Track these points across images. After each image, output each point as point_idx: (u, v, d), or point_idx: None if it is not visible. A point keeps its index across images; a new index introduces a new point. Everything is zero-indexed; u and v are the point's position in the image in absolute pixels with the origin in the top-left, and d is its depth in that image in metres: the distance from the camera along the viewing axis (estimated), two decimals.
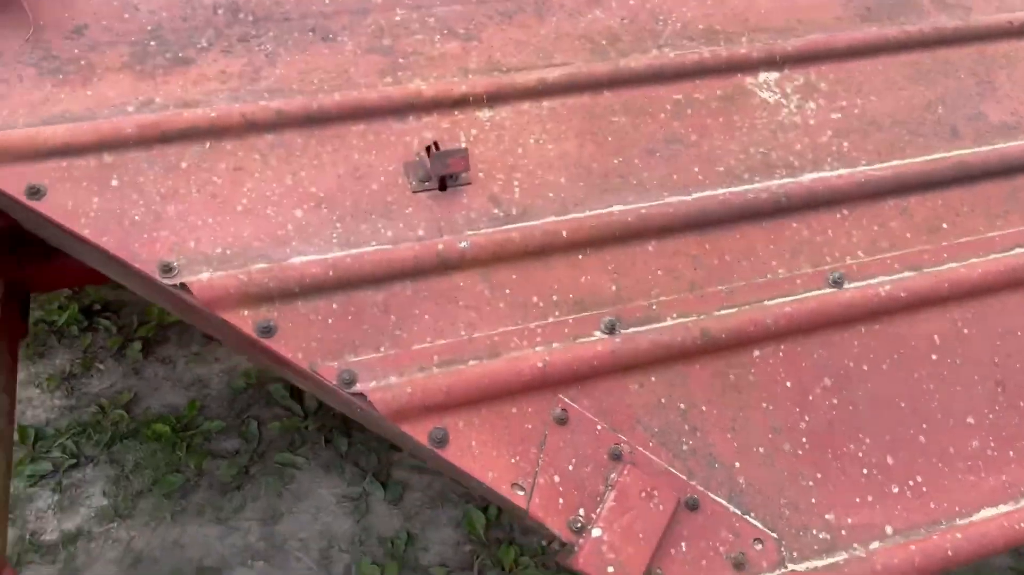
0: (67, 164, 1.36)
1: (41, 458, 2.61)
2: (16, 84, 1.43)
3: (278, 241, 1.36)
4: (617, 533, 1.26)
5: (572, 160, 1.52)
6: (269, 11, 1.60)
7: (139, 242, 1.33)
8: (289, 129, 1.46)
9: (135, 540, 2.36)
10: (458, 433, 1.28)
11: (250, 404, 2.83)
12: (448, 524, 2.42)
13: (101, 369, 2.98)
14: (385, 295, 1.35)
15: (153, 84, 1.47)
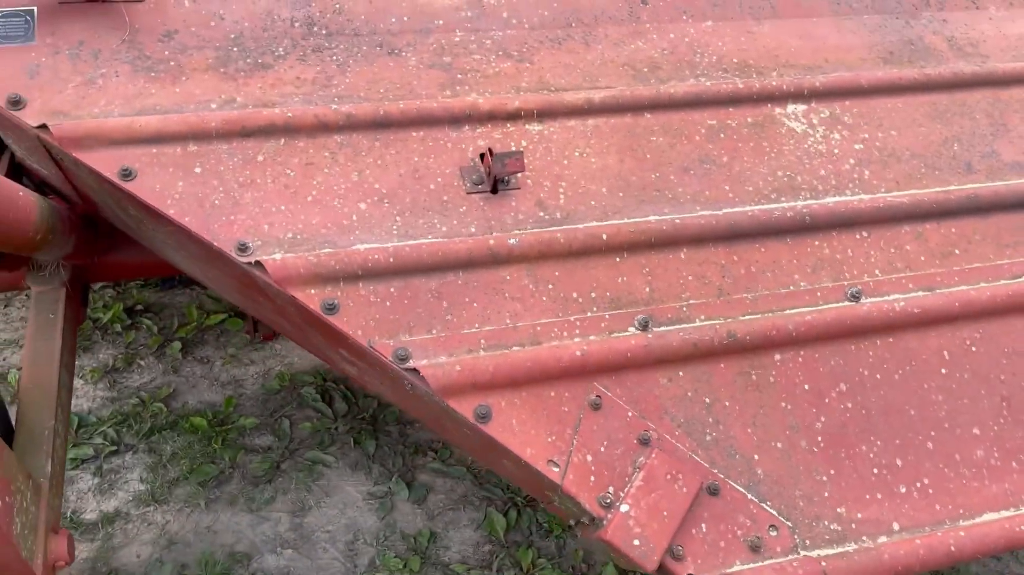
0: (156, 151, 1.50)
1: (83, 443, 2.73)
2: (113, 79, 1.58)
3: (343, 229, 1.49)
4: (643, 510, 1.36)
5: (613, 173, 1.65)
6: (341, 26, 1.75)
7: (218, 223, 1.46)
8: (356, 131, 1.60)
9: (170, 524, 2.47)
10: (500, 411, 1.40)
11: (283, 405, 2.95)
12: (469, 525, 2.51)
13: (142, 365, 3.11)
14: (438, 283, 1.47)
15: (235, 85, 1.62)
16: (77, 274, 2.18)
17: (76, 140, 1.47)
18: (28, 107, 1.49)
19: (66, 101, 1.52)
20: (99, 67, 1.57)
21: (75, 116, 1.50)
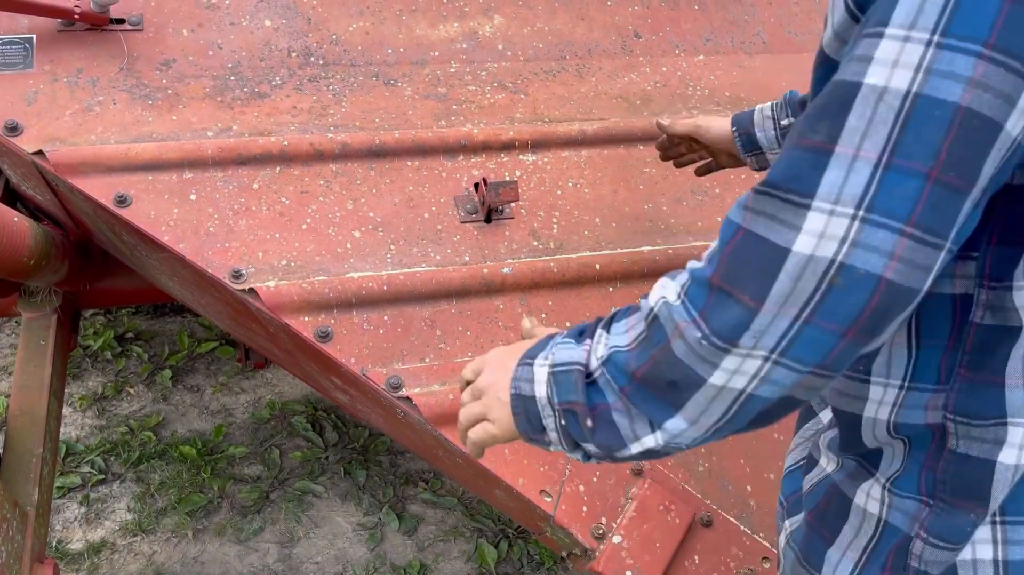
0: (152, 178, 1.51)
1: (71, 472, 2.70)
2: (110, 106, 1.59)
3: (338, 257, 1.49)
4: (636, 541, 1.35)
5: (606, 203, 1.66)
6: (338, 56, 1.76)
7: (212, 250, 1.47)
8: (352, 160, 1.61)
9: (157, 554, 2.44)
10: None
11: (273, 434, 2.93)
12: (460, 557, 2.49)
13: (131, 393, 3.09)
14: (432, 311, 1.47)
15: (231, 113, 1.63)
16: (69, 301, 2.18)
17: (72, 166, 1.47)
18: (25, 133, 1.50)
19: (63, 128, 1.53)
20: (97, 95, 1.59)
21: (72, 143, 1.50)
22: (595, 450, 0.79)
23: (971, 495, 0.77)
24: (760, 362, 0.67)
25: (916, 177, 0.62)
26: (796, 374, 0.67)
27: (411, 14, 1.83)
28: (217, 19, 1.72)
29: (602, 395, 0.76)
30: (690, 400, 0.71)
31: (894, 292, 0.63)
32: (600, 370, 0.77)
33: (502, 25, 1.88)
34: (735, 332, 0.66)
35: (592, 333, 0.81)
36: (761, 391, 0.68)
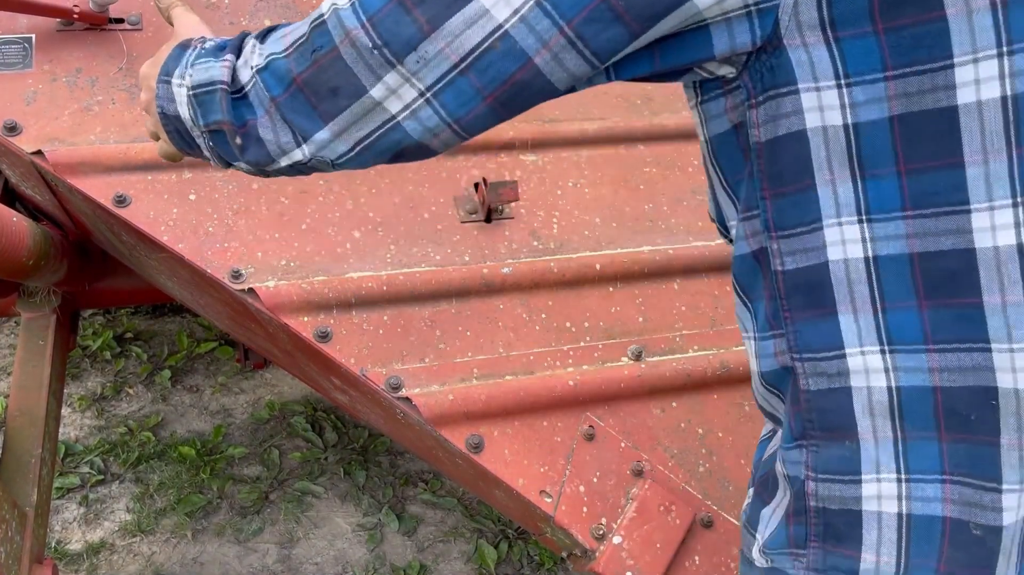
0: (151, 178, 1.51)
1: (70, 472, 2.69)
2: (109, 106, 1.58)
3: (337, 257, 1.49)
4: (636, 541, 1.35)
5: (607, 203, 1.66)
6: None
7: (212, 250, 1.46)
8: None
9: (156, 555, 2.43)
10: (493, 441, 1.39)
11: (272, 434, 2.93)
12: (460, 557, 2.49)
13: (131, 393, 3.08)
14: (432, 311, 1.47)
15: None
16: (68, 301, 2.17)
17: (71, 166, 1.47)
18: (24, 133, 1.50)
19: (62, 128, 1.52)
20: (96, 94, 1.58)
21: (71, 143, 1.50)
22: (246, 167, 0.83)
23: (837, 426, 0.80)
24: (416, 94, 0.73)
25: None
26: (439, 121, 0.74)
27: None
28: (217, 19, 1.71)
29: (252, 110, 0.79)
30: (346, 110, 0.75)
31: (534, 76, 0.71)
32: (254, 80, 0.79)
33: None
34: (404, 49, 0.71)
35: (236, 49, 0.82)
36: (407, 124, 0.75)
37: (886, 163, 0.73)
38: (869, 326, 0.77)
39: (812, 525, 0.82)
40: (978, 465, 0.76)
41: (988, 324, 0.74)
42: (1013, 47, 0.68)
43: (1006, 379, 0.74)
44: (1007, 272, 0.73)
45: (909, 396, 0.77)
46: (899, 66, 0.70)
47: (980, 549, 0.77)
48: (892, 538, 0.79)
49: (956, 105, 0.70)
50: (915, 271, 0.75)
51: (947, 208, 0.73)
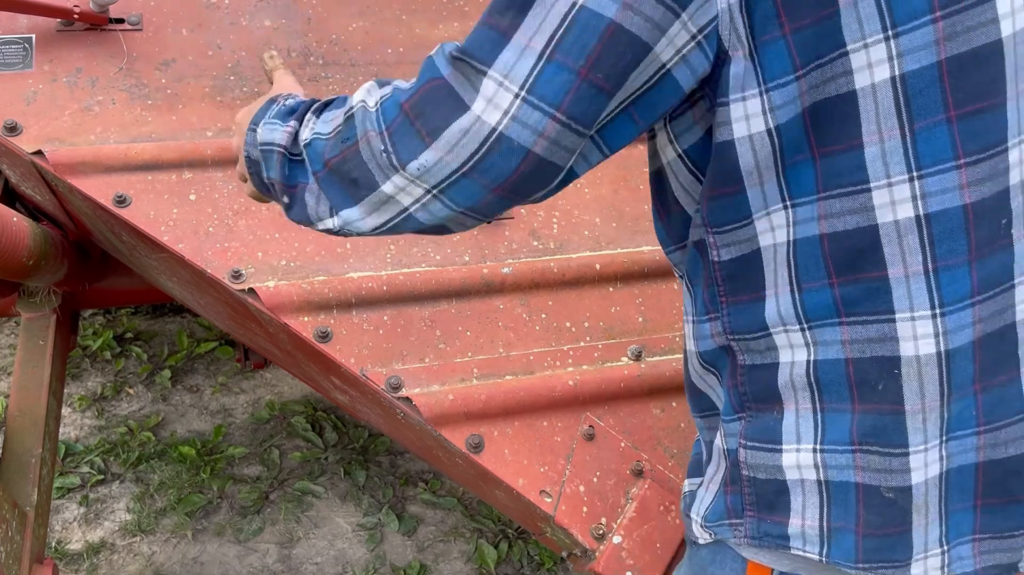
0: (151, 178, 1.51)
1: (70, 472, 2.69)
2: (109, 106, 1.59)
3: (337, 257, 1.49)
4: (636, 541, 1.35)
5: (606, 203, 1.66)
6: (337, 56, 1.76)
7: (212, 251, 1.46)
8: None
9: (156, 555, 2.43)
10: (492, 441, 1.39)
11: (272, 434, 2.93)
12: (460, 557, 2.49)
13: (131, 393, 3.08)
14: (432, 311, 1.47)
15: (231, 113, 1.63)
16: (68, 301, 2.18)
17: (71, 166, 1.47)
18: (24, 133, 1.50)
19: (62, 128, 1.52)
20: (96, 94, 1.58)
21: (71, 143, 1.50)
22: (295, 218, 0.93)
23: (768, 398, 0.87)
24: (423, 192, 0.80)
25: (569, 72, 0.74)
26: (450, 211, 0.81)
27: (411, 14, 1.83)
28: (217, 19, 1.71)
29: (303, 174, 0.89)
30: (366, 198, 0.84)
31: (539, 164, 0.76)
32: (303, 153, 0.89)
33: None
34: (408, 157, 0.78)
35: (302, 116, 0.91)
36: (420, 215, 0.82)
37: (803, 151, 0.78)
38: (788, 305, 0.83)
39: (746, 494, 0.89)
40: (884, 433, 0.81)
41: (893, 295, 0.79)
42: (898, 29, 0.73)
43: (908, 347, 0.79)
44: (907, 244, 0.77)
45: (825, 369, 0.82)
46: (806, 63, 0.75)
47: (893, 509, 0.82)
48: (815, 502, 0.85)
49: (855, 89, 0.75)
50: (824, 251, 0.80)
51: (850, 188, 0.78)
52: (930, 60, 0.74)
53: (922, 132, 0.75)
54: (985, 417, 0.82)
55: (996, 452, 0.83)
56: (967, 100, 0.75)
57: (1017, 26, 0.74)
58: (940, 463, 0.82)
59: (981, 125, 0.75)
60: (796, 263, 0.82)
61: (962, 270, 0.77)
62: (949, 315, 0.78)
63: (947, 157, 0.75)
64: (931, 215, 0.76)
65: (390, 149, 0.79)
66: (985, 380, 0.81)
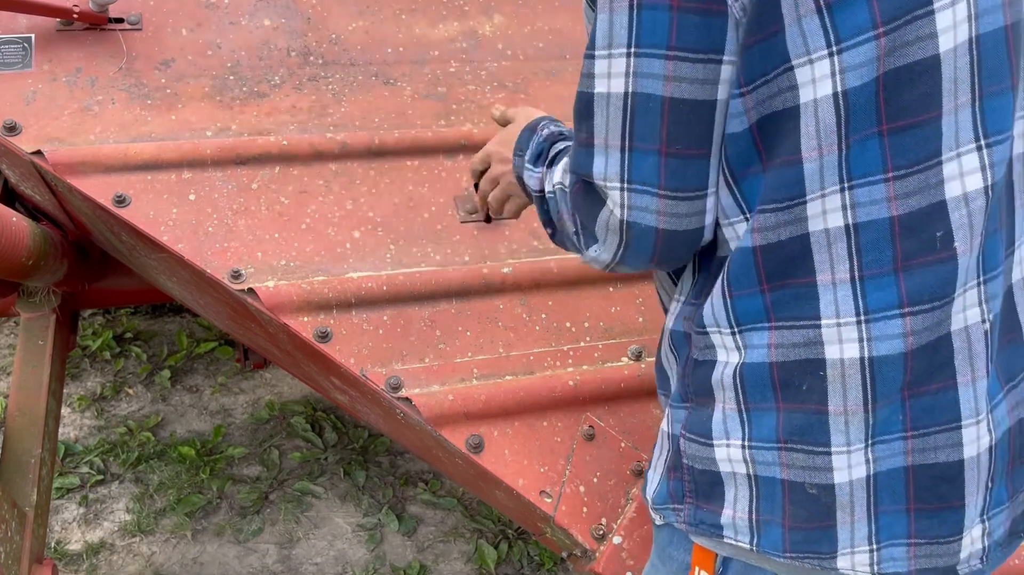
0: (151, 178, 1.51)
1: (69, 472, 2.69)
2: (109, 106, 1.58)
3: (337, 257, 1.49)
4: (636, 542, 1.35)
5: None
6: (337, 56, 1.76)
7: (211, 251, 1.46)
8: (351, 160, 1.60)
9: (156, 555, 2.43)
10: (492, 441, 1.39)
11: (272, 434, 2.92)
12: (460, 558, 2.48)
13: (130, 393, 3.08)
14: (431, 311, 1.47)
15: (231, 113, 1.63)
16: (67, 301, 2.17)
17: (71, 166, 1.47)
18: (24, 133, 1.50)
19: (62, 128, 1.52)
20: (95, 94, 1.58)
21: (70, 143, 1.50)
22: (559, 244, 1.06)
23: (704, 393, 0.90)
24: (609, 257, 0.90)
25: (652, 154, 0.80)
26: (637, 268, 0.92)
27: (411, 13, 1.83)
28: (216, 18, 1.71)
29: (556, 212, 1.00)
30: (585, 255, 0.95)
31: (672, 236, 0.84)
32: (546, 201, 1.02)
33: (502, 24, 1.88)
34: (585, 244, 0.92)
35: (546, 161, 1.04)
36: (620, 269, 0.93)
37: (754, 163, 0.82)
38: (720, 309, 0.87)
39: (686, 482, 0.92)
40: (809, 432, 0.83)
41: (820, 301, 0.81)
42: (842, 45, 0.74)
43: (833, 351, 0.81)
44: (836, 252, 0.80)
45: (751, 371, 0.85)
46: (751, 80, 0.78)
47: (817, 505, 0.84)
48: (745, 495, 0.88)
49: (798, 104, 0.77)
50: (757, 262, 0.83)
51: (787, 203, 0.80)
52: (871, 76, 0.75)
53: (855, 145, 0.77)
54: (913, 423, 0.83)
55: (925, 457, 0.84)
56: (899, 115, 0.76)
57: (958, 39, 0.75)
58: (866, 466, 0.83)
59: (911, 140, 0.76)
60: (729, 272, 0.85)
61: (887, 279, 0.79)
62: (874, 323, 0.80)
63: (876, 170, 0.77)
64: (859, 225, 0.78)
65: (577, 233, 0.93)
66: (915, 388, 0.82)
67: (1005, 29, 0.77)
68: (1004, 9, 0.77)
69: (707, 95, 0.79)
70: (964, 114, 0.77)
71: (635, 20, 0.77)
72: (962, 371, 0.83)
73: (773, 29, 0.75)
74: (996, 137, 0.78)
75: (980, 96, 0.77)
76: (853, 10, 0.73)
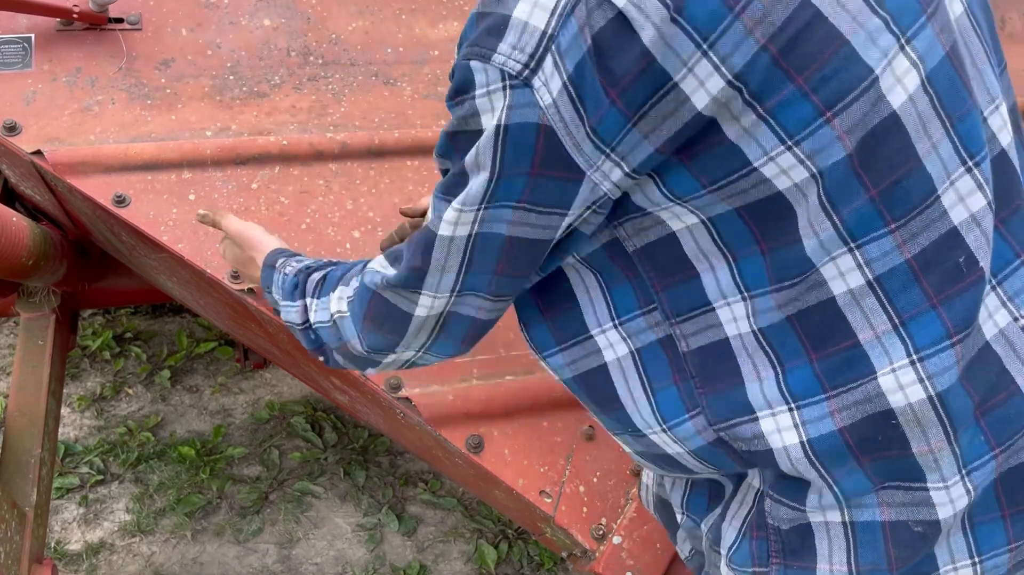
0: (151, 178, 1.51)
1: (69, 473, 2.69)
2: (109, 106, 1.58)
3: (337, 257, 1.48)
4: (636, 542, 1.35)
5: None
6: (337, 56, 1.76)
7: (211, 250, 1.46)
8: (351, 160, 1.60)
9: (156, 555, 2.43)
10: (493, 441, 1.39)
11: (272, 434, 2.92)
12: (459, 558, 2.48)
13: (130, 394, 3.08)
14: None
15: (230, 113, 1.63)
16: (67, 301, 2.17)
17: (71, 166, 1.47)
18: (24, 133, 1.49)
19: (62, 128, 1.52)
20: (95, 94, 1.58)
21: (70, 143, 1.50)
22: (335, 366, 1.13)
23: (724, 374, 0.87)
24: (412, 353, 0.98)
25: (486, 274, 0.87)
26: (440, 358, 1.00)
27: (411, 13, 1.83)
28: (216, 18, 1.71)
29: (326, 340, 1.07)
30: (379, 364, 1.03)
31: (482, 325, 0.94)
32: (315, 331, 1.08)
33: None
34: (387, 349, 0.97)
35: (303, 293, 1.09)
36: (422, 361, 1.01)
37: (750, 244, 0.81)
38: (773, 387, 0.84)
39: (772, 541, 0.88)
40: (903, 472, 0.82)
41: (871, 356, 0.81)
42: (796, 139, 0.75)
43: (898, 398, 0.80)
44: (868, 306, 0.80)
45: (820, 444, 0.83)
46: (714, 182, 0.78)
47: (924, 542, 0.83)
48: (841, 546, 0.85)
49: (780, 191, 0.77)
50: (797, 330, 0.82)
51: (800, 277, 0.80)
52: (840, 155, 0.76)
53: (850, 216, 0.78)
54: (996, 439, 0.83)
55: (1010, 461, 0.84)
56: (882, 177, 0.77)
57: (909, 89, 0.76)
58: (968, 496, 0.83)
59: (901, 191, 0.78)
60: (771, 346, 0.84)
61: (929, 315, 0.79)
62: (928, 359, 0.80)
63: (878, 226, 0.78)
64: (879, 277, 0.79)
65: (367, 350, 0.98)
66: (984, 406, 0.82)
67: (948, 56, 0.78)
68: (939, 39, 0.78)
69: (547, 236, 0.83)
70: (944, 147, 0.78)
71: (492, 186, 0.80)
72: (1018, 373, 0.83)
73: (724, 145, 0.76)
74: (979, 155, 0.80)
75: (952, 125, 0.78)
76: (794, 108, 0.74)
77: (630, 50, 0.71)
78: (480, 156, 0.80)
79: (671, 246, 0.84)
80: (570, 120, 0.75)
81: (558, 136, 0.76)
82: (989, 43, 0.86)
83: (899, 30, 0.75)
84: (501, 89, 0.77)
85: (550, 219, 0.82)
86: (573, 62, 0.73)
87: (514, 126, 0.77)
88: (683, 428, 0.90)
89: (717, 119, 0.74)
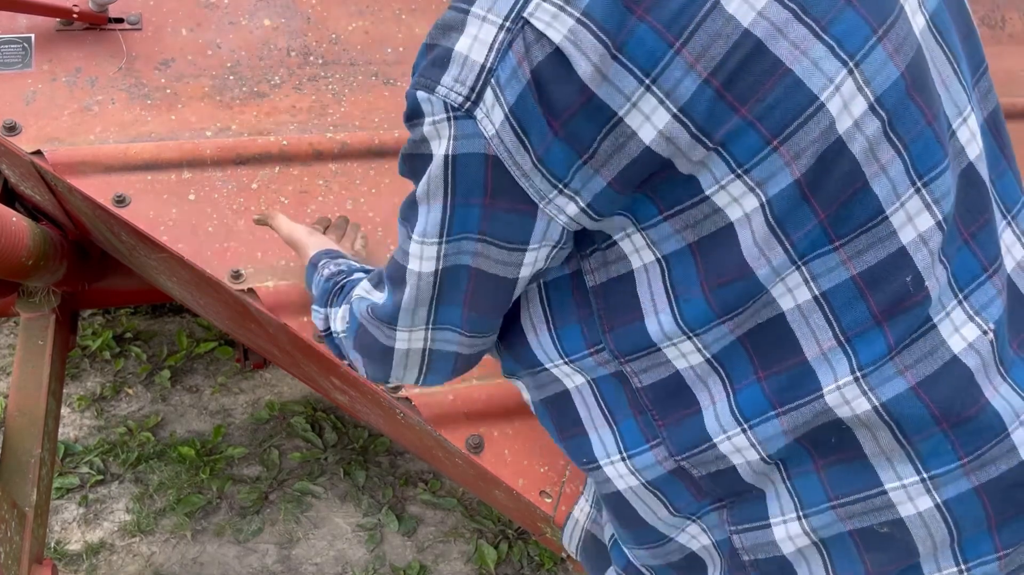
0: (151, 178, 1.51)
1: (69, 473, 2.69)
2: (109, 106, 1.58)
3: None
4: None
5: None
6: (337, 56, 1.76)
7: (211, 251, 1.46)
8: (351, 160, 1.60)
9: (155, 555, 2.43)
10: (492, 441, 1.39)
11: (272, 434, 2.92)
12: (459, 558, 2.48)
13: (130, 394, 3.08)
14: None
15: (230, 113, 1.63)
16: (67, 301, 2.17)
17: (71, 166, 1.47)
18: (24, 133, 1.49)
19: (62, 128, 1.52)
20: (95, 94, 1.58)
21: (70, 142, 1.50)
22: None
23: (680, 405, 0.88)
24: (411, 382, 1.01)
25: (457, 307, 0.89)
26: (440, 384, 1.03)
27: (411, 13, 1.83)
28: (216, 18, 1.71)
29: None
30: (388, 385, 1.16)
31: (468, 358, 0.97)
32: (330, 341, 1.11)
33: None
34: (383, 379, 1.01)
35: (326, 303, 1.13)
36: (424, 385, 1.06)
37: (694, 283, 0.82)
38: (725, 409, 0.86)
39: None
40: (857, 478, 0.84)
41: (817, 373, 0.82)
42: (744, 167, 0.76)
43: (844, 411, 0.81)
44: (814, 323, 0.81)
45: (775, 447, 0.85)
46: (670, 207, 0.78)
47: (896, 543, 0.84)
48: (819, 563, 0.87)
49: (731, 222, 0.78)
50: (747, 348, 0.83)
51: (750, 302, 0.81)
52: (787, 181, 0.76)
53: (801, 241, 0.79)
54: (964, 449, 0.83)
55: (989, 471, 0.83)
56: (831, 200, 0.78)
57: (855, 114, 0.76)
58: (928, 496, 0.83)
59: (847, 212, 0.78)
60: (723, 366, 0.85)
61: (873, 332, 0.80)
62: (872, 374, 0.80)
63: (822, 243, 0.79)
64: (826, 293, 0.80)
65: (366, 373, 1.03)
66: (951, 417, 0.82)
67: (902, 76, 0.78)
68: (892, 59, 0.77)
69: (511, 275, 0.86)
70: (894, 168, 0.78)
71: (448, 217, 0.82)
72: (987, 388, 0.83)
73: (680, 178, 0.77)
74: (931, 174, 0.80)
75: (904, 146, 0.78)
76: (741, 138, 0.75)
77: (569, 84, 0.72)
78: (431, 185, 0.81)
79: (626, 285, 0.85)
80: (515, 150, 0.76)
81: (505, 166, 0.78)
82: (960, 51, 0.86)
83: (846, 55, 0.75)
84: (446, 120, 0.78)
85: (511, 255, 0.83)
86: (514, 94, 0.74)
87: (462, 156, 0.79)
88: (643, 458, 0.92)
89: (670, 158, 0.75)
